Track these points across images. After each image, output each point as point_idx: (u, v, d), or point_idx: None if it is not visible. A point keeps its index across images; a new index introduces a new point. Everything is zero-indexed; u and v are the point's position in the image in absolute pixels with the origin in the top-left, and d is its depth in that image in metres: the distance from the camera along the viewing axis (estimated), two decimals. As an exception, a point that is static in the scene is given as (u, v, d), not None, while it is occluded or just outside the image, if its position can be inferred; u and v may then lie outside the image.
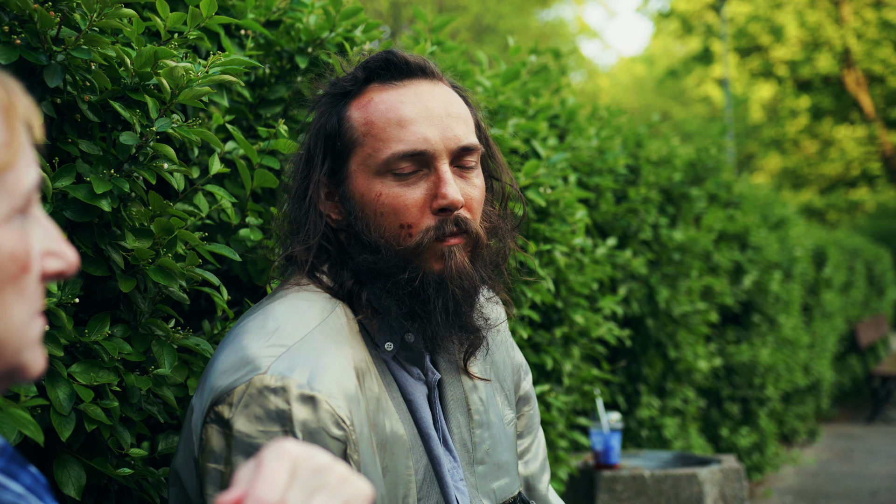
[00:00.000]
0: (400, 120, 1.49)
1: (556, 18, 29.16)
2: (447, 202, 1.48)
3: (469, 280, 1.51)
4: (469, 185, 1.53)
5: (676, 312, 4.56)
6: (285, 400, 1.35)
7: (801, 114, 23.15)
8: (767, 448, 6.72)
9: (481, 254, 1.55)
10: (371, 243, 1.50)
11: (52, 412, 1.45)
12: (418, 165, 1.49)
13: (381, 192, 1.49)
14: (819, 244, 9.27)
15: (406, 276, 1.48)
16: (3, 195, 0.79)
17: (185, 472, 1.44)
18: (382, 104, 1.51)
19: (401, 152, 1.48)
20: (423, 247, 1.48)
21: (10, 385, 0.83)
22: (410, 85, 1.53)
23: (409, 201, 1.48)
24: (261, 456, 0.83)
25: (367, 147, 1.50)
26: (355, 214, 1.51)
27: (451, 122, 1.52)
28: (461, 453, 1.60)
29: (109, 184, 1.49)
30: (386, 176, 1.49)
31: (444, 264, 1.49)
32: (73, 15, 1.48)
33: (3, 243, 0.78)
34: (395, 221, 1.49)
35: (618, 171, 3.83)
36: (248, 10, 2.05)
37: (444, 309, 1.49)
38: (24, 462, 0.95)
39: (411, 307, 1.49)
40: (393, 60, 1.54)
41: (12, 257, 0.79)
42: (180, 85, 1.54)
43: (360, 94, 1.54)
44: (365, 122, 1.51)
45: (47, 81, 1.43)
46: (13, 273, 0.79)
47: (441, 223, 1.49)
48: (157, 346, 1.61)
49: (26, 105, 0.81)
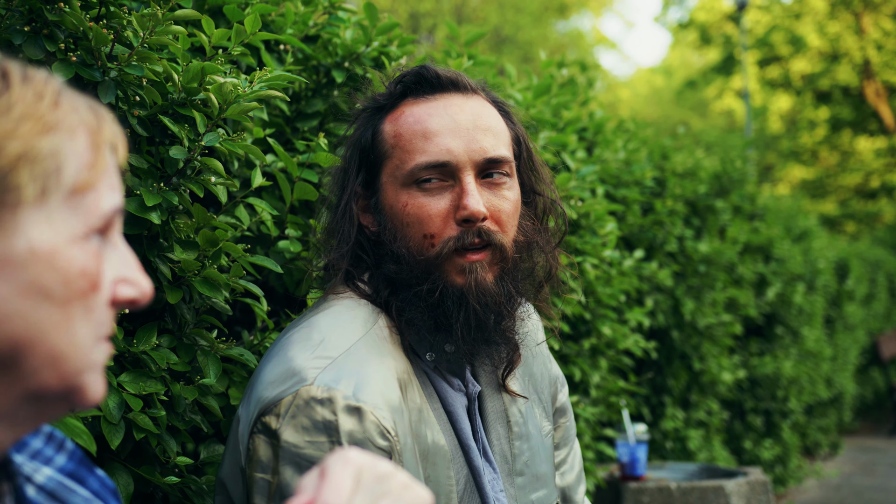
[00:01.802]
0: (425, 132, 1.52)
1: (575, 29, 29.18)
2: (468, 213, 1.49)
3: (491, 297, 1.52)
4: (498, 197, 1.54)
5: (701, 324, 4.56)
6: (332, 411, 1.37)
7: (820, 125, 23.06)
8: (790, 461, 6.69)
9: (510, 268, 1.56)
10: (396, 253, 1.52)
11: (103, 421, 1.48)
12: (443, 176, 1.51)
13: (407, 203, 1.51)
14: (841, 256, 9.24)
15: (427, 287, 1.50)
16: (82, 214, 0.81)
17: (231, 481, 1.46)
18: (411, 117, 1.54)
19: (424, 163, 1.50)
20: (443, 256, 1.49)
21: (67, 409, 0.84)
22: (441, 99, 1.56)
23: (432, 211, 1.50)
24: (326, 464, 0.85)
25: (395, 159, 1.53)
26: (385, 225, 1.54)
27: (479, 134, 1.53)
28: (501, 465, 1.61)
29: (159, 196, 1.53)
30: (412, 187, 1.51)
31: (466, 279, 1.50)
32: (125, 32, 1.51)
33: (76, 260, 0.80)
34: (419, 231, 1.51)
35: (645, 183, 3.85)
36: (288, 25, 2.08)
37: (466, 323, 1.50)
38: (92, 466, 0.98)
39: (434, 319, 1.51)
40: (425, 75, 1.57)
41: (83, 274, 0.80)
42: (228, 100, 1.57)
43: (394, 109, 1.58)
44: (394, 134, 1.54)
45: (101, 97, 1.47)
46: (82, 290, 0.80)
47: (463, 234, 1.50)
48: (202, 357, 1.64)
49: (114, 131, 0.84)
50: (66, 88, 0.83)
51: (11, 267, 0.76)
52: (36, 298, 0.77)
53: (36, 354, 0.78)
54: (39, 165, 0.78)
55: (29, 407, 0.80)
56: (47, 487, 0.92)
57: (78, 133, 0.81)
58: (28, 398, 0.80)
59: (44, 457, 0.94)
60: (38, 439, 0.95)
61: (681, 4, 26.70)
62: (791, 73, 21.85)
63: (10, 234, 0.76)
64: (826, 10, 21.36)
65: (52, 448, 0.95)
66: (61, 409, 0.83)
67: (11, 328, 0.77)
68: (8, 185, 0.76)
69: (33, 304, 0.77)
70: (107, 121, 0.84)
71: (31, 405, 0.80)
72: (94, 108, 0.83)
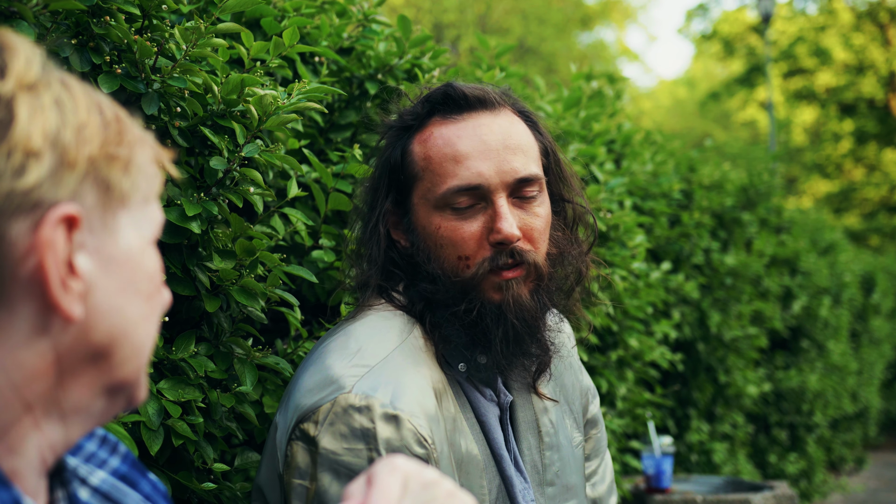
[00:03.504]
0: (455, 155, 1.53)
1: (598, 41, 29.17)
2: (501, 237, 1.50)
3: (528, 311, 1.54)
4: (529, 214, 1.55)
5: (727, 337, 4.55)
6: (370, 419, 1.39)
7: (844, 137, 22.91)
8: (815, 475, 6.65)
9: (544, 283, 1.57)
10: (431, 273, 1.54)
11: (143, 427, 1.50)
12: (475, 199, 1.52)
13: (440, 225, 1.53)
14: (867, 270, 9.17)
15: (464, 308, 1.52)
16: (149, 222, 0.87)
17: (268, 487, 1.48)
18: (440, 139, 1.55)
19: (456, 187, 1.51)
20: (478, 277, 1.51)
21: (126, 406, 0.88)
22: (469, 118, 1.56)
23: (466, 234, 1.52)
24: (373, 470, 0.87)
25: (426, 181, 1.54)
26: (417, 245, 1.55)
27: (508, 154, 1.54)
28: (532, 475, 1.62)
29: (199, 206, 1.55)
30: (444, 209, 1.53)
31: (503, 296, 1.52)
32: (167, 45, 1.54)
33: (154, 261, 0.87)
34: (453, 253, 1.52)
35: (672, 195, 3.85)
36: (323, 37, 2.11)
37: (505, 339, 1.52)
38: (144, 469, 1.00)
39: (472, 336, 1.53)
40: (452, 94, 1.57)
41: (158, 272, 0.88)
42: (268, 112, 1.59)
43: (422, 129, 1.58)
44: (424, 157, 1.55)
45: (144, 109, 1.49)
46: (158, 286, 0.88)
47: (496, 255, 1.51)
48: (238, 365, 1.66)
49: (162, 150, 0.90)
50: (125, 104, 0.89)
51: (115, 265, 0.82)
52: (131, 294, 0.84)
53: (126, 346, 0.84)
54: (138, 174, 0.85)
55: (102, 401, 0.85)
56: (101, 490, 0.94)
57: (147, 149, 0.87)
58: (106, 391, 0.85)
59: (98, 459, 0.97)
60: (93, 442, 0.97)
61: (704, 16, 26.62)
62: (815, 86, 21.73)
63: (114, 235, 0.83)
64: (852, 22, 21.25)
65: (105, 451, 0.98)
66: (122, 406, 0.88)
67: (112, 321, 0.82)
68: (118, 190, 0.82)
69: (128, 299, 0.83)
70: (153, 140, 0.90)
71: (105, 399, 0.85)
72: (144, 133, 0.89)
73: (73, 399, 0.82)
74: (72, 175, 0.79)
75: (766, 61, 18.26)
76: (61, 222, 0.78)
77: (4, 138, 0.75)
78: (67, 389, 0.82)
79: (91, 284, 0.80)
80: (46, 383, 0.80)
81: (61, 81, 0.82)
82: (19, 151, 0.75)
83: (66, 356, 0.81)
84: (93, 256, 0.81)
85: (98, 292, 0.81)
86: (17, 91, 0.77)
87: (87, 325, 0.81)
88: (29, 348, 0.79)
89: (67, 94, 0.81)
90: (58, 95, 0.80)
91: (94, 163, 0.80)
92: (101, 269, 0.81)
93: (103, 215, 0.82)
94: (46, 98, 0.79)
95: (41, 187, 0.76)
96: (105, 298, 0.81)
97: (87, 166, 0.80)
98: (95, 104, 0.83)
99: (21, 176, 0.75)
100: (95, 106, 0.83)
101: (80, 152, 0.79)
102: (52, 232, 0.77)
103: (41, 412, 0.81)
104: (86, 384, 0.83)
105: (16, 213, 0.76)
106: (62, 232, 0.78)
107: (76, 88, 0.82)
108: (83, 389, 0.83)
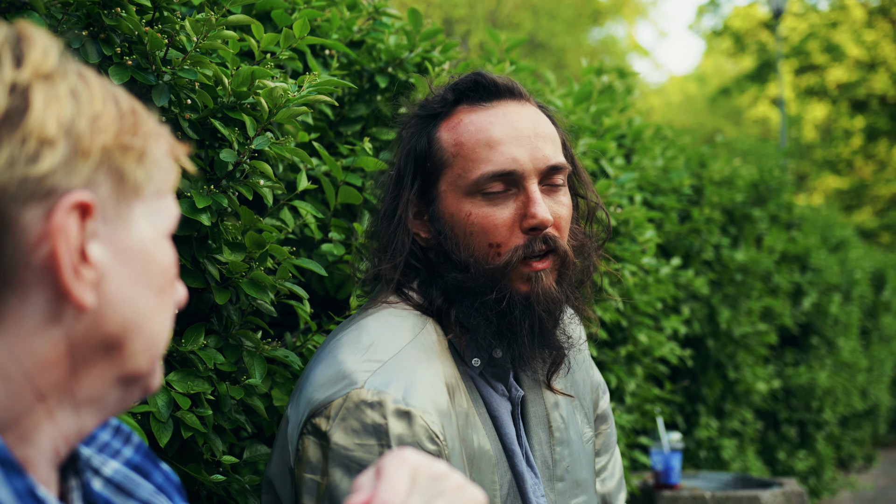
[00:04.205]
0: (489, 141, 1.52)
1: (608, 36, 29.09)
2: (537, 221, 1.50)
3: (555, 303, 1.54)
4: (557, 203, 1.56)
5: (737, 333, 4.54)
6: (382, 414, 1.38)
7: (855, 134, 22.81)
8: (825, 472, 6.63)
9: (568, 273, 1.57)
10: (460, 262, 1.52)
11: (152, 419, 1.50)
12: (508, 185, 1.52)
13: (470, 212, 1.52)
14: (878, 267, 9.14)
15: (494, 297, 1.51)
16: (164, 215, 0.87)
17: (279, 481, 1.48)
18: (472, 125, 1.54)
19: (490, 173, 1.50)
20: (511, 265, 1.51)
21: (141, 395, 0.89)
22: (499, 106, 1.56)
23: (498, 221, 1.51)
24: (381, 463, 0.86)
25: (456, 168, 1.53)
26: (445, 234, 1.54)
27: (540, 142, 1.54)
28: (542, 470, 1.62)
29: (209, 199, 1.55)
30: (476, 196, 1.52)
31: (531, 287, 1.52)
32: (178, 37, 1.53)
33: (168, 252, 0.87)
34: (484, 240, 1.52)
35: (682, 191, 3.84)
36: (333, 30, 2.10)
37: (531, 330, 1.52)
38: (157, 460, 1.00)
39: (499, 327, 1.52)
40: (482, 82, 1.57)
41: (172, 265, 0.88)
42: (278, 104, 1.59)
43: (449, 116, 1.57)
44: (455, 143, 1.54)
45: (155, 100, 1.49)
46: (172, 279, 0.88)
47: (530, 241, 1.51)
48: (248, 357, 1.66)
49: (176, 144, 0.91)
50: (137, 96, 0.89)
51: (128, 255, 0.83)
52: (143, 285, 0.84)
53: (138, 338, 0.84)
54: (153, 165, 0.85)
55: (117, 392, 0.85)
56: (114, 480, 0.95)
57: (162, 142, 0.87)
58: (120, 382, 0.85)
59: (112, 449, 0.97)
60: (106, 432, 0.97)
61: (715, 12, 26.51)
62: (827, 82, 21.64)
63: (128, 226, 0.83)
64: (863, 19, 21.15)
65: (119, 441, 0.98)
66: (137, 396, 0.88)
67: (124, 312, 0.82)
68: (132, 181, 0.83)
69: (141, 290, 0.84)
70: (169, 133, 0.90)
71: (120, 390, 0.85)
72: (160, 126, 0.90)
73: (87, 389, 0.83)
74: (85, 163, 0.79)
75: (778, 57, 18.19)
76: (74, 209, 0.78)
77: (19, 126, 0.76)
78: (81, 379, 0.82)
79: (104, 273, 0.81)
80: (59, 372, 0.80)
81: (78, 73, 0.82)
82: (34, 139, 0.76)
83: (79, 346, 0.81)
84: (106, 245, 0.81)
85: (111, 282, 0.81)
86: (34, 80, 0.78)
87: (99, 314, 0.81)
88: (41, 336, 0.79)
89: (84, 84, 0.81)
90: (74, 86, 0.80)
91: (108, 152, 0.81)
92: (114, 259, 0.81)
93: (117, 205, 0.82)
94: (62, 88, 0.79)
95: (55, 174, 0.77)
96: (118, 289, 0.82)
97: (101, 155, 0.80)
98: (111, 96, 0.83)
99: (35, 163, 0.76)
100: (111, 97, 0.83)
101: (94, 141, 0.79)
102: (65, 218, 0.77)
103: (54, 402, 0.81)
104: (99, 374, 0.83)
105: (29, 199, 0.76)
106: (75, 219, 0.78)
107: (93, 80, 0.83)
108: (96, 380, 0.83)
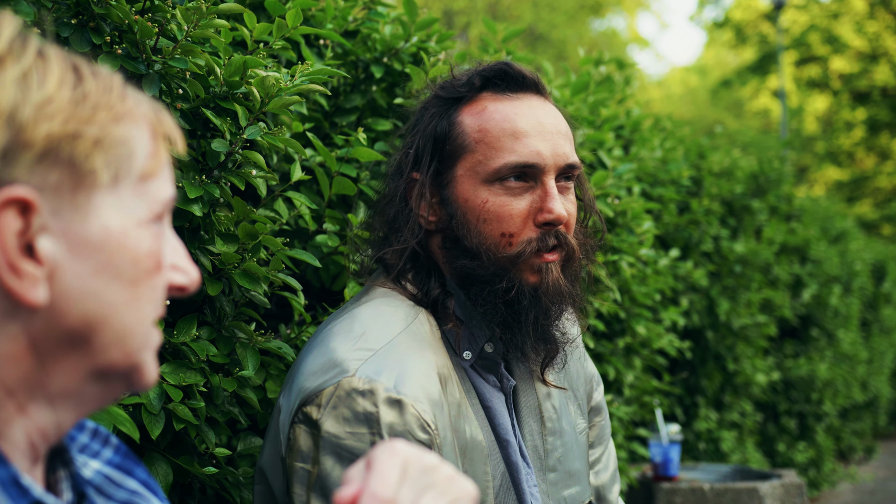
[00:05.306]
0: (515, 131, 1.52)
1: (609, 28, 29.05)
2: (553, 217, 1.51)
3: (561, 295, 1.55)
4: (568, 201, 1.57)
5: (736, 325, 4.53)
6: (373, 403, 1.38)
7: (857, 126, 22.77)
8: (824, 464, 6.62)
9: (573, 269, 1.58)
10: (471, 249, 1.52)
11: (144, 410, 1.49)
12: (526, 178, 1.52)
13: (487, 200, 1.52)
14: (878, 259, 9.13)
15: (504, 286, 1.51)
16: (147, 200, 0.84)
17: (271, 470, 1.47)
18: (497, 114, 1.54)
19: (513, 163, 1.51)
20: (523, 257, 1.51)
21: (126, 390, 0.87)
22: (524, 98, 1.57)
23: (514, 211, 1.51)
24: (372, 454, 0.86)
25: (478, 154, 1.53)
26: (457, 218, 1.54)
27: (561, 139, 1.55)
28: (533, 460, 1.61)
29: (201, 189, 1.54)
30: (494, 184, 1.52)
31: (540, 279, 1.52)
32: (169, 26, 1.52)
33: (143, 241, 0.83)
34: (497, 229, 1.52)
35: (681, 182, 3.83)
36: (327, 20, 2.09)
37: (535, 321, 1.53)
38: (138, 460, 0.99)
39: (505, 315, 1.52)
40: (510, 72, 1.57)
41: (149, 254, 0.84)
42: (270, 94, 1.58)
43: (472, 101, 1.57)
44: (479, 129, 1.54)
45: (145, 90, 1.48)
46: (148, 270, 0.84)
47: (543, 235, 1.52)
48: (240, 349, 1.65)
49: (171, 125, 0.87)
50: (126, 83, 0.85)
51: (88, 247, 0.80)
52: (109, 277, 0.81)
53: (106, 331, 0.81)
54: (113, 151, 0.81)
55: (94, 386, 0.83)
56: (94, 482, 0.94)
57: (142, 124, 0.84)
58: (95, 376, 0.83)
59: (91, 451, 0.96)
60: (85, 434, 0.97)
61: (716, 3, 26.46)
62: (829, 72, 21.59)
63: (87, 216, 0.80)
64: (865, 10, 21.09)
65: (98, 443, 0.97)
66: (121, 390, 0.86)
67: (86, 306, 0.80)
68: (86, 170, 0.79)
69: (106, 282, 0.81)
70: (164, 114, 0.87)
71: (97, 384, 0.83)
72: (152, 101, 0.87)
73: (59, 383, 0.81)
74: (27, 154, 0.76)
75: (779, 49, 18.16)
76: (9, 205, 0.75)
77: None
78: (51, 374, 0.80)
79: (56, 268, 0.78)
80: (24, 367, 0.79)
81: (38, 53, 0.79)
82: None
83: (42, 340, 0.79)
84: (59, 239, 0.78)
85: (66, 276, 0.79)
86: None
87: (57, 309, 0.79)
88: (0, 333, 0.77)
89: (40, 67, 0.78)
90: (26, 69, 0.77)
91: (55, 141, 0.77)
92: (69, 252, 0.79)
93: (73, 196, 0.79)
94: (10, 73, 0.76)
95: None
96: (76, 282, 0.79)
97: (45, 145, 0.77)
98: (71, 78, 0.80)
99: None
100: (70, 80, 0.80)
101: (38, 130, 0.76)
102: None
103: (24, 396, 0.80)
104: (70, 369, 0.81)
105: None
106: (13, 215, 0.75)
107: (53, 61, 0.79)
108: (68, 374, 0.81)
